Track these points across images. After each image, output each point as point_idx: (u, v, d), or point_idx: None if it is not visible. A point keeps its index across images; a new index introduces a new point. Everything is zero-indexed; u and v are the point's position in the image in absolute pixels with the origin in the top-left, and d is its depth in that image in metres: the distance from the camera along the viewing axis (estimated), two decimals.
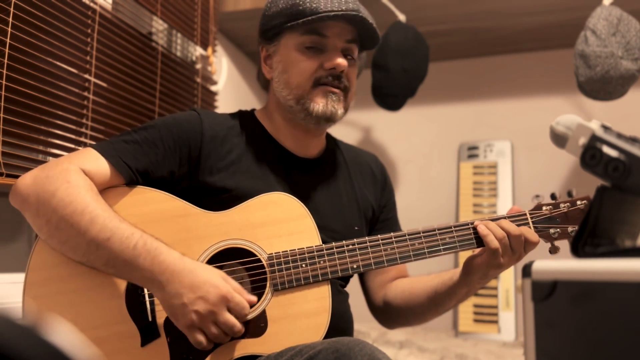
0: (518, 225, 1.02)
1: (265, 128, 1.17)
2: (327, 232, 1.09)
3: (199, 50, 2.22)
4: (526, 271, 0.57)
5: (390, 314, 1.21)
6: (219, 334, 0.91)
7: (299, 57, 1.09)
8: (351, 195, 1.20)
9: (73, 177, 0.95)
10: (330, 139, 1.27)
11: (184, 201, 1.02)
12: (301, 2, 1.06)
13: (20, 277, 0.96)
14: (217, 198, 1.05)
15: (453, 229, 1.03)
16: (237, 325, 0.91)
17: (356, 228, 1.17)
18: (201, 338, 0.90)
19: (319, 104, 1.08)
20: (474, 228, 1.03)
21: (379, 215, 1.25)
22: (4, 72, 1.29)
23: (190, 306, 0.88)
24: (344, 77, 1.10)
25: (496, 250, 0.99)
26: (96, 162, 1.00)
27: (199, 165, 1.06)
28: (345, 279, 1.17)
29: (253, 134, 1.15)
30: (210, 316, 0.89)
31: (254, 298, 0.94)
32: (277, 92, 1.13)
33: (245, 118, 1.18)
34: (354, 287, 1.21)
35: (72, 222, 0.92)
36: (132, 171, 1.02)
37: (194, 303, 0.88)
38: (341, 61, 1.08)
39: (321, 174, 1.18)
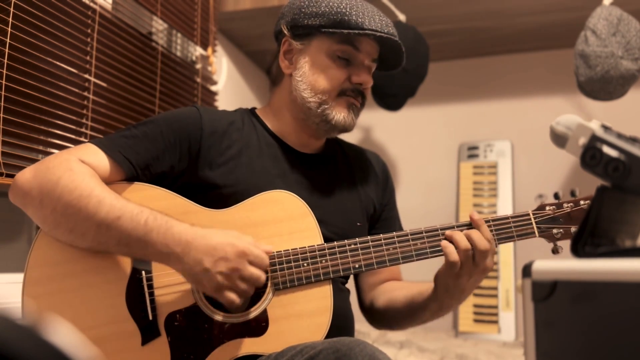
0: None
1: (266, 124, 1.17)
2: (329, 226, 1.09)
3: (199, 50, 2.22)
4: (526, 271, 0.57)
5: (374, 316, 1.21)
6: (247, 288, 0.91)
7: (330, 63, 1.11)
8: (353, 191, 1.19)
9: (75, 165, 0.95)
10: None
11: (185, 199, 1.02)
12: (347, 12, 1.07)
13: (20, 277, 0.96)
14: (217, 193, 1.05)
15: (455, 228, 1.03)
16: (262, 276, 0.92)
17: (358, 224, 1.17)
18: (232, 296, 0.90)
19: (341, 114, 1.11)
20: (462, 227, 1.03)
21: (380, 213, 1.25)
22: (4, 72, 1.29)
23: (213, 269, 0.89)
24: (365, 93, 1.14)
25: (454, 263, 0.98)
26: (96, 157, 1.00)
27: (198, 161, 1.06)
28: (346, 276, 1.17)
29: (254, 129, 1.15)
30: (235, 273, 0.89)
31: (270, 248, 0.96)
32: (296, 91, 1.12)
33: (245, 114, 1.18)
34: (354, 286, 1.21)
35: (79, 206, 0.92)
36: (133, 166, 1.01)
37: (216, 265, 0.89)
38: (369, 79, 1.12)
39: (323, 169, 1.18)
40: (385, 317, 1.18)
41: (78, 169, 0.95)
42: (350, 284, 1.25)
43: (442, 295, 1.04)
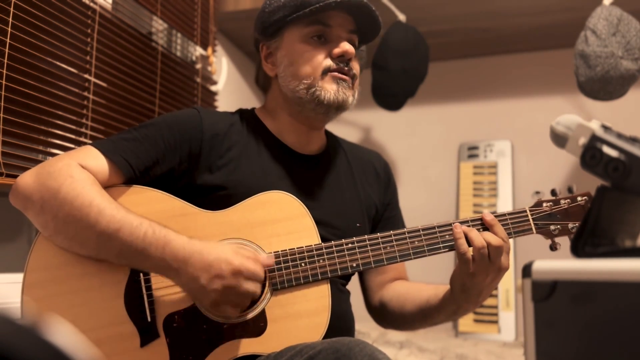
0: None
1: (266, 125, 1.17)
2: (328, 228, 1.09)
3: (199, 50, 2.22)
4: (526, 271, 0.57)
5: (384, 316, 1.20)
6: (242, 302, 0.94)
7: (306, 47, 1.09)
8: (353, 192, 1.19)
9: (75, 171, 0.95)
10: (331, 136, 1.26)
11: (183, 201, 1.02)
12: None
13: (20, 277, 0.96)
14: (218, 195, 1.05)
15: (452, 226, 1.03)
16: (257, 290, 0.93)
17: (358, 225, 1.16)
18: (229, 311, 0.94)
19: (330, 92, 1.08)
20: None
21: (383, 213, 1.24)
22: (4, 72, 1.29)
23: (209, 286, 0.90)
24: (352, 65, 1.11)
25: (464, 255, 0.98)
26: (96, 160, 0.99)
27: (198, 163, 1.06)
28: (346, 277, 1.17)
29: (254, 131, 1.15)
30: (230, 291, 0.91)
31: (270, 262, 0.96)
32: (284, 87, 1.12)
33: (245, 116, 1.18)
34: (354, 286, 1.21)
35: (80, 215, 0.92)
36: (133, 169, 1.01)
37: (211, 283, 0.90)
38: (349, 47, 1.09)
39: (323, 170, 1.18)
40: (396, 317, 1.17)
41: (79, 176, 0.95)
42: (355, 285, 1.25)
43: (459, 296, 1.03)
